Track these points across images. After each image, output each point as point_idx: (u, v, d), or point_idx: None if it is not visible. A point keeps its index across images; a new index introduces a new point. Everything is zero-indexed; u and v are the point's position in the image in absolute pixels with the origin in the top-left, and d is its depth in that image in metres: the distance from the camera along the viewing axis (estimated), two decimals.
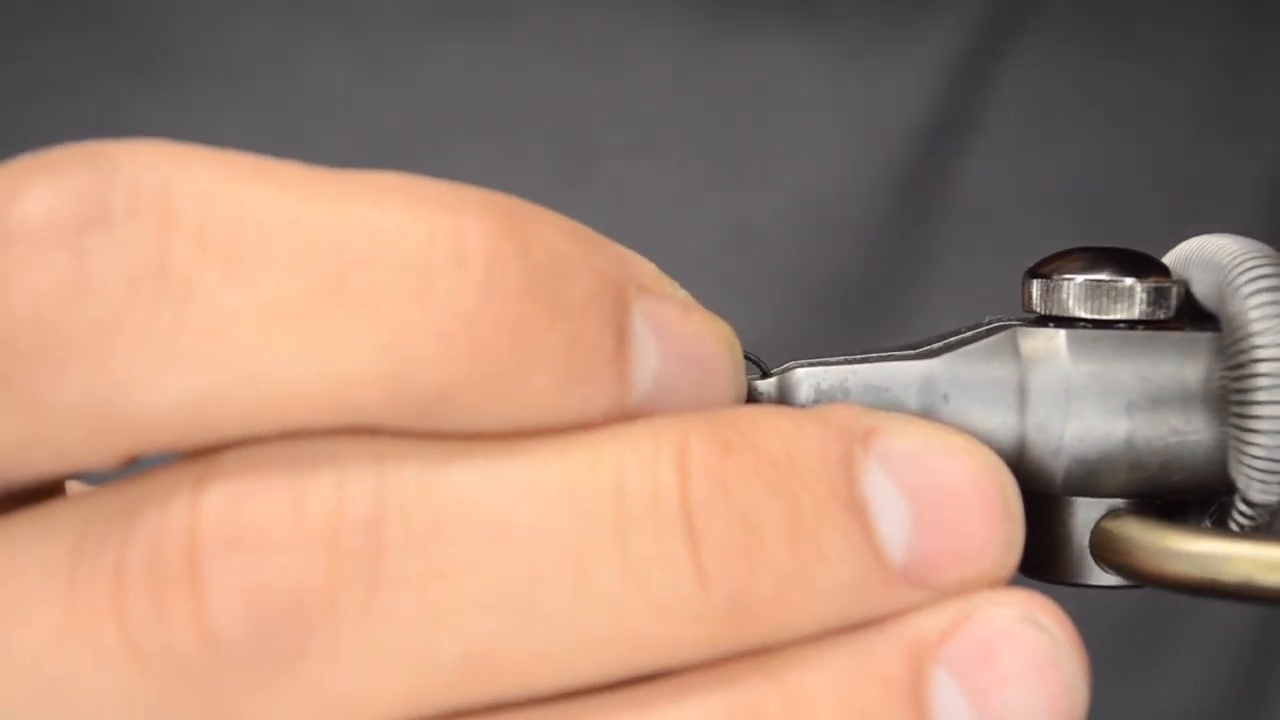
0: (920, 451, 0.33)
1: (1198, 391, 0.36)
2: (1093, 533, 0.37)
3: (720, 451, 0.31)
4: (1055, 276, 0.37)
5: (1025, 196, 0.68)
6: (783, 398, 0.37)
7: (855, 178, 0.67)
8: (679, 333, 0.32)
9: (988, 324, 0.38)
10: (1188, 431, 0.36)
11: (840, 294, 0.67)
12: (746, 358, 0.37)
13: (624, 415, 0.31)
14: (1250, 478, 0.35)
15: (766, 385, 0.38)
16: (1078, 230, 0.69)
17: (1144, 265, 0.37)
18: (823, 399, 0.37)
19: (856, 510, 0.31)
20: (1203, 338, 0.37)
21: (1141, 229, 0.68)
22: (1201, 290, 0.37)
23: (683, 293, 0.33)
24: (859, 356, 0.37)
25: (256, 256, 0.28)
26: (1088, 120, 0.69)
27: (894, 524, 0.32)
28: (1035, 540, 0.38)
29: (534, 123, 0.66)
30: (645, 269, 0.32)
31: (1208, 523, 0.38)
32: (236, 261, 0.28)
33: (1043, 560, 0.38)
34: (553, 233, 0.30)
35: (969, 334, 0.38)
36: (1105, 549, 0.37)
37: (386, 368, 0.28)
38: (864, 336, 0.67)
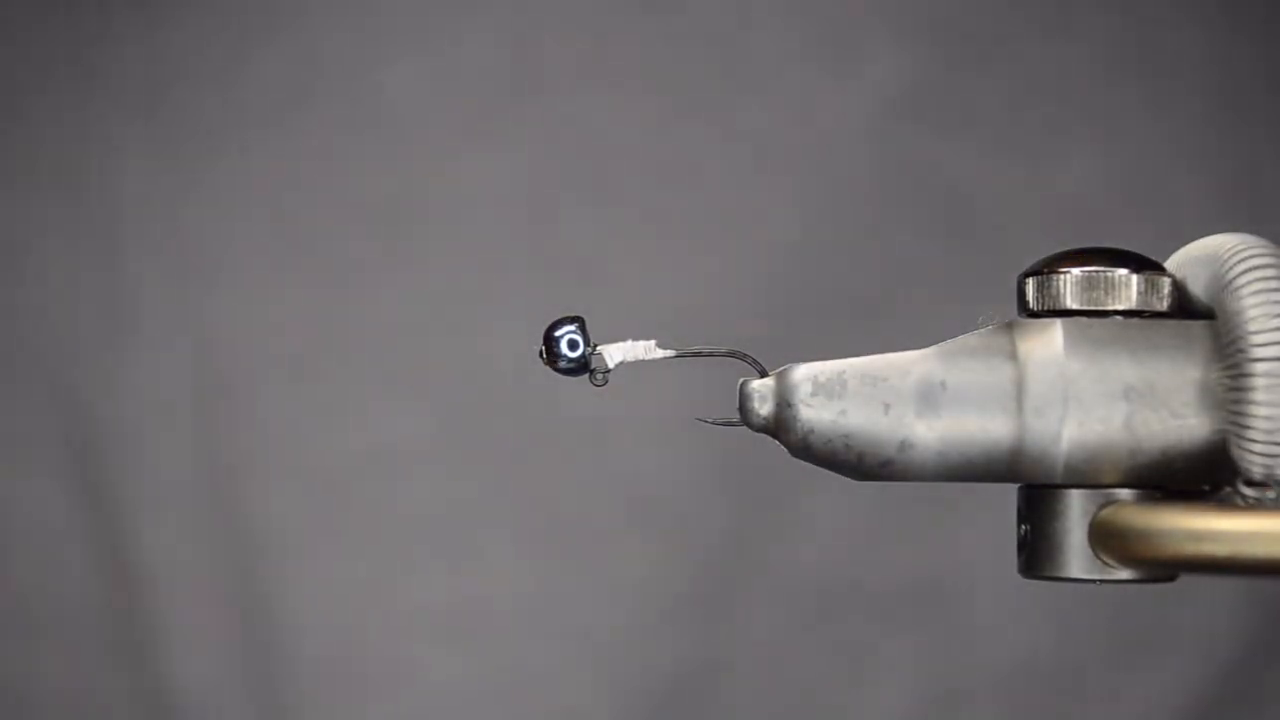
0: None
1: (1195, 377, 0.37)
2: (1092, 522, 0.37)
3: None
4: (1049, 272, 0.38)
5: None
6: (782, 397, 0.38)
7: None
8: None
9: (980, 323, 0.38)
10: (1186, 415, 0.37)
11: None
12: (743, 357, 0.38)
13: None
14: (1251, 462, 0.36)
15: (763, 385, 0.38)
16: None
17: (1137, 260, 0.38)
18: (820, 393, 0.37)
19: None
20: (1197, 325, 0.37)
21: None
22: (1197, 285, 0.37)
23: None
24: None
25: None
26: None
27: None
28: (1035, 542, 0.38)
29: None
30: None
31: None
32: None
33: (1043, 559, 0.38)
34: None
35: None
36: (1103, 537, 0.37)
37: None
38: None
